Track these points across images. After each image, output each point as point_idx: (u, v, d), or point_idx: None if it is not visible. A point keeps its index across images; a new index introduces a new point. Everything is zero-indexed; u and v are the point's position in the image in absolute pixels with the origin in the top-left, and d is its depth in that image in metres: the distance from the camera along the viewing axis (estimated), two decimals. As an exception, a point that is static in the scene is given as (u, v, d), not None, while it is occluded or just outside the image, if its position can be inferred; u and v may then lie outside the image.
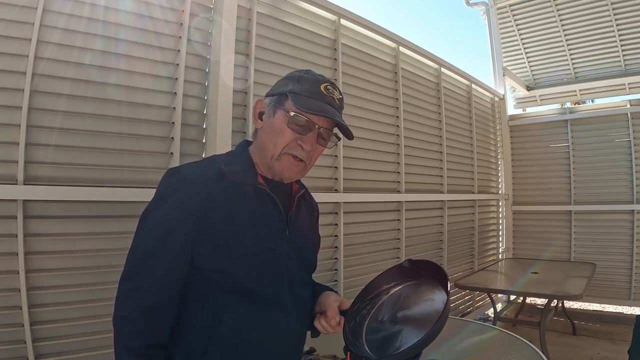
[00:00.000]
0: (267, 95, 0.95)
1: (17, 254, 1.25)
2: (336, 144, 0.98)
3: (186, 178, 0.85)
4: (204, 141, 1.72)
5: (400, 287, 0.91)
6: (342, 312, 0.90)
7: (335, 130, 0.95)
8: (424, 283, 0.88)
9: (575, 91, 4.31)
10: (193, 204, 0.82)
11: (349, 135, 0.94)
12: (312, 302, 1.01)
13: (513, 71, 4.33)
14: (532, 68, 4.34)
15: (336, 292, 1.06)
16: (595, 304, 4.07)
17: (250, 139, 1.00)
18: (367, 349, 0.83)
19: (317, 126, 0.89)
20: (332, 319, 0.90)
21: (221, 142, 1.67)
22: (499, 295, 3.76)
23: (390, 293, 0.91)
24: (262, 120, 0.93)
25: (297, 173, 0.92)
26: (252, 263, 0.86)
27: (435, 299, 0.84)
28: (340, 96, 0.95)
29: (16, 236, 1.25)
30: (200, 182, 0.85)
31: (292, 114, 0.87)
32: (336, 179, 2.22)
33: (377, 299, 0.91)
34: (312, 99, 0.88)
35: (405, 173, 2.71)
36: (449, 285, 0.85)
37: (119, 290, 0.82)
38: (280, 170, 0.90)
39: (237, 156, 0.94)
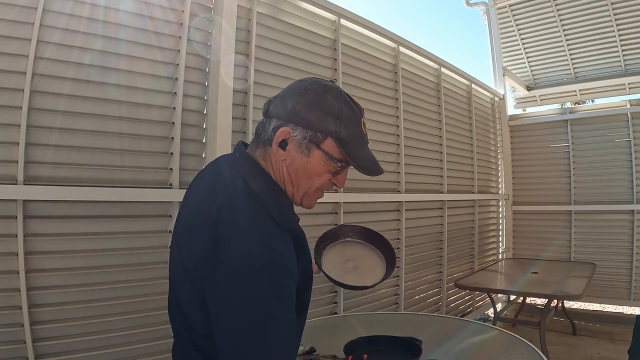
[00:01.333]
0: (293, 123, 0.79)
1: (17, 254, 1.25)
2: None
3: (279, 261, 0.72)
4: (204, 141, 1.72)
5: (332, 243, 1.23)
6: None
7: None
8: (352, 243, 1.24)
9: (575, 91, 4.31)
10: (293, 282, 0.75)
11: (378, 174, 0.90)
12: None
13: (513, 71, 4.33)
14: (532, 68, 4.34)
15: None
16: (595, 304, 4.07)
17: (244, 141, 0.92)
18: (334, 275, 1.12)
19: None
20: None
21: (221, 142, 1.67)
22: (499, 295, 3.76)
23: (326, 248, 1.22)
24: (284, 149, 0.80)
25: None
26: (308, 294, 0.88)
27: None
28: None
29: (16, 236, 1.25)
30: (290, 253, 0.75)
31: (339, 164, 0.81)
32: (336, 179, 2.22)
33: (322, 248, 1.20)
34: (358, 148, 0.82)
35: (405, 173, 2.71)
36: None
37: None
38: (308, 205, 0.87)
39: (275, 196, 0.82)
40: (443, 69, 3.21)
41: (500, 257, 4.13)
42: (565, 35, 3.96)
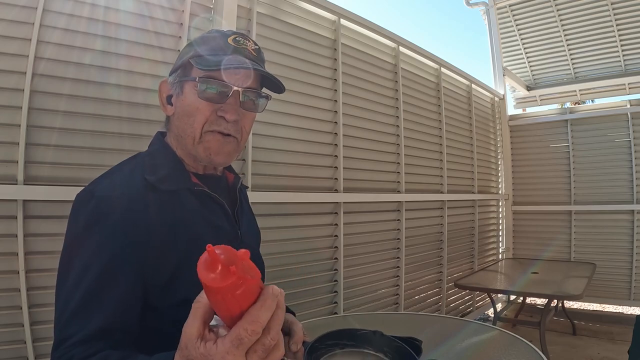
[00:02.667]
0: (170, 73, 0.80)
1: (17, 254, 1.25)
2: (266, 104, 0.81)
3: (105, 200, 0.67)
4: (204, 141, 1.71)
5: (356, 349, 0.85)
6: (303, 343, 0.84)
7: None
8: None
9: (575, 91, 4.30)
10: (130, 229, 0.66)
11: (279, 88, 0.78)
12: None
13: (513, 71, 4.33)
14: (532, 68, 4.34)
15: (292, 312, 0.96)
16: (595, 304, 4.07)
17: (163, 129, 0.84)
18: None
19: (235, 88, 0.73)
20: (295, 343, 0.81)
21: (221, 142, 1.67)
22: (499, 295, 3.76)
23: (344, 349, 0.84)
24: (172, 104, 0.78)
25: (230, 153, 0.77)
26: None
27: None
28: (256, 46, 0.79)
29: (16, 236, 1.25)
30: (123, 204, 0.67)
31: (198, 78, 0.72)
32: (336, 179, 2.22)
33: (332, 347, 0.84)
34: (218, 56, 0.72)
35: (405, 173, 2.71)
36: None
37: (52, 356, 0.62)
38: (207, 155, 0.75)
39: (157, 157, 0.78)
40: (443, 69, 3.21)
41: (500, 257, 4.13)
42: (565, 35, 3.96)
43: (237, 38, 0.75)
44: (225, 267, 0.38)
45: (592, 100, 6.52)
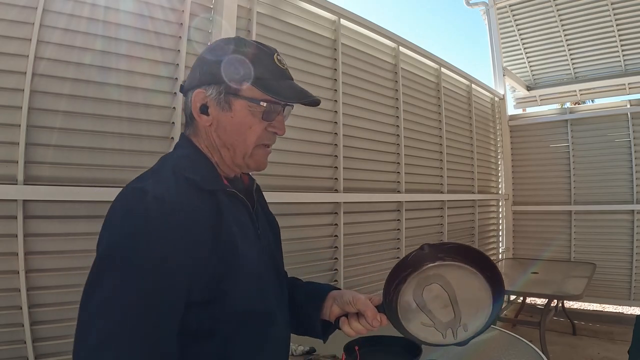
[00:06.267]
0: (204, 84, 0.77)
1: (17, 254, 1.25)
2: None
3: (165, 198, 0.65)
4: (204, 141, 1.71)
5: (416, 272, 0.83)
6: (377, 308, 0.83)
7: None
8: (445, 266, 0.81)
9: (575, 91, 4.31)
10: (191, 230, 0.66)
11: (314, 103, 0.82)
12: (301, 303, 0.91)
13: (513, 71, 4.33)
14: (532, 68, 4.34)
15: (338, 288, 0.98)
16: (595, 304, 4.07)
17: (187, 132, 0.84)
18: (423, 336, 0.80)
19: (286, 107, 0.80)
20: (374, 319, 0.81)
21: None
22: (499, 295, 3.76)
23: (407, 281, 0.83)
24: (208, 114, 0.77)
25: (267, 160, 0.83)
26: (254, 280, 0.75)
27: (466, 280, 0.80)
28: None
29: (16, 236, 1.25)
30: (185, 200, 0.67)
31: (264, 104, 0.75)
32: (336, 179, 2.22)
33: (397, 288, 0.84)
34: (278, 81, 0.78)
35: (405, 173, 2.71)
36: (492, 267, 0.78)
37: None
38: (257, 167, 0.81)
39: (193, 160, 0.77)
40: (443, 69, 3.20)
41: (500, 257, 4.13)
42: (565, 35, 3.96)
43: (278, 57, 0.81)
44: None
45: (592, 100, 6.53)
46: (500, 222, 4.19)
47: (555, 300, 3.05)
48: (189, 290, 0.66)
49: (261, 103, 0.75)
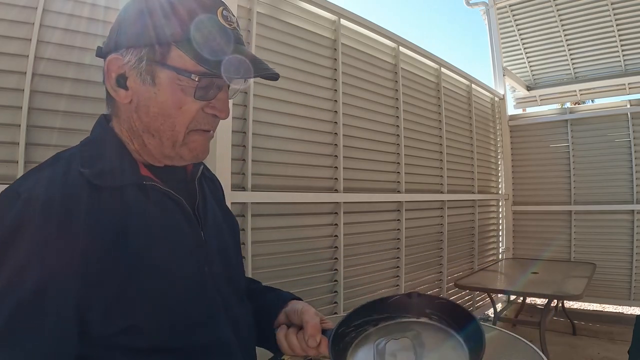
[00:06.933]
0: (122, 48, 0.59)
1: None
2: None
3: (32, 202, 0.51)
4: (204, 141, 1.71)
5: (392, 321, 0.70)
6: (323, 332, 0.70)
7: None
8: (429, 326, 0.68)
9: (575, 91, 4.30)
10: (64, 240, 0.51)
11: (272, 76, 0.63)
12: (263, 311, 0.79)
13: (513, 71, 4.33)
14: (532, 68, 4.34)
15: (300, 299, 0.83)
16: (595, 304, 4.07)
17: (106, 111, 0.66)
18: None
19: (232, 86, 0.63)
20: (311, 337, 0.67)
21: (220, 142, 1.67)
22: (499, 295, 3.76)
23: (378, 326, 0.70)
24: (126, 88, 0.60)
25: (208, 147, 0.65)
26: (182, 307, 0.59)
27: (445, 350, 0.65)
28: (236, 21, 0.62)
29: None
30: (64, 204, 0.52)
31: (197, 78, 0.57)
32: (336, 179, 2.22)
33: (363, 327, 0.70)
34: (215, 43, 0.57)
35: (405, 173, 2.71)
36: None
37: None
38: (193, 156, 0.63)
39: (99, 147, 0.61)
40: (443, 69, 3.21)
41: (500, 257, 4.14)
42: (565, 35, 3.96)
43: (224, 12, 0.59)
44: None
45: (592, 100, 6.52)
46: (500, 222, 4.19)
47: (555, 300, 3.05)
48: (78, 316, 0.52)
49: (192, 76, 0.57)
